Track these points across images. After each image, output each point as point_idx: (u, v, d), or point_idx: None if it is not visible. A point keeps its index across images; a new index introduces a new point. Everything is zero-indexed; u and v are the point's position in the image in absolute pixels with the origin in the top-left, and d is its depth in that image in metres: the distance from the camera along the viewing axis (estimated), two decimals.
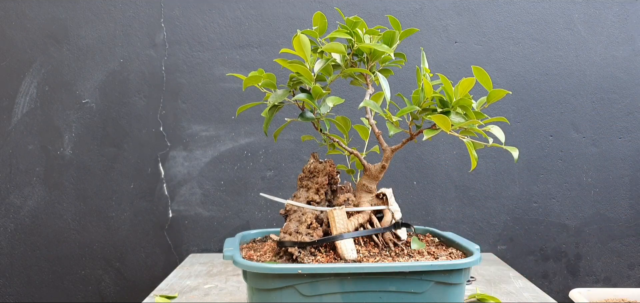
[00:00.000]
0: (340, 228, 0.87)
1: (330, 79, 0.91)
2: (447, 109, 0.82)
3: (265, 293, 0.80)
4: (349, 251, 0.85)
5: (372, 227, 0.92)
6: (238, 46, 1.65)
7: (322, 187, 0.94)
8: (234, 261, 0.82)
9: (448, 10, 1.65)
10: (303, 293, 0.79)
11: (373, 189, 0.95)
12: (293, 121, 0.96)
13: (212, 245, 1.66)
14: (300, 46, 0.84)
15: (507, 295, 1.20)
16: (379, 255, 0.87)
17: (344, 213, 0.88)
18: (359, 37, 0.87)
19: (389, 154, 0.93)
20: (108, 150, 1.64)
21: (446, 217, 1.66)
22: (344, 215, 0.88)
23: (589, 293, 1.41)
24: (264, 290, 0.80)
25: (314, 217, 0.89)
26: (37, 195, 1.64)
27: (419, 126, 0.89)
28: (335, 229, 0.87)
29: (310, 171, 0.96)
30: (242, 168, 1.65)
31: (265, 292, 0.80)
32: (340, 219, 0.87)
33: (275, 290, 0.79)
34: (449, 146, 1.65)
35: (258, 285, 0.80)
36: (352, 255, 0.85)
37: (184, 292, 1.22)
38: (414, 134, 0.89)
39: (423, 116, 0.85)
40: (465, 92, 0.81)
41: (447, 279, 0.82)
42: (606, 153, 1.66)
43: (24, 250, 1.65)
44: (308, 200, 0.93)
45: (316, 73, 0.85)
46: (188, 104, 1.65)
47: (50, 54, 1.63)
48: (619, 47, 1.65)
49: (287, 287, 0.79)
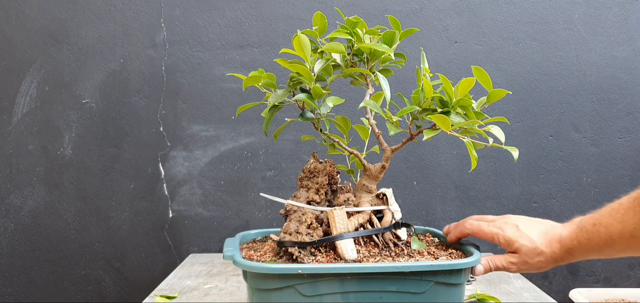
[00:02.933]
0: (340, 228, 0.87)
1: (331, 79, 0.91)
2: (447, 109, 0.82)
3: (265, 293, 0.80)
4: (349, 251, 0.85)
5: (372, 227, 0.92)
6: (238, 46, 1.65)
7: (322, 187, 0.94)
8: (234, 261, 0.82)
9: (448, 10, 1.65)
10: (303, 293, 0.78)
11: (373, 189, 0.95)
12: (293, 121, 0.96)
13: (212, 245, 1.66)
14: (300, 46, 0.84)
15: (507, 295, 1.20)
16: (379, 255, 0.87)
17: (344, 213, 0.88)
18: (359, 37, 0.87)
19: (389, 154, 0.93)
20: (108, 150, 1.64)
21: (446, 217, 1.66)
22: (344, 215, 0.88)
23: (589, 293, 1.41)
24: (264, 290, 0.80)
25: (314, 217, 0.89)
26: (37, 195, 1.64)
27: (419, 126, 0.89)
28: (335, 229, 0.87)
29: (310, 171, 0.96)
30: (242, 168, 1.65)
31: (265, 292, 0.80)
32: (341, 219, 0.87)
33: (275, 290, 0.79)
34: (449, 146, 1.65)
35: (258, 285, 0.80)
36: (352, 255, 0.85)
37: (184, 292, 1.22)
38: (414, 134, 0.89)
39: (423, 116, 0.85)
40: (465, 92, 0.81)
41: (447, 279, 0.82)
42: (606, 153, 1.66)
43: (24, 250, 1.65)
44: (308, 200, 0.93)
45: (316, 73, 0.85)
46: (188, 104, 1.65)
47: (50, 54, 1.63)
48: (619, 47, 1.65)
49: (287, 287, 0.78)
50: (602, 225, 0.78)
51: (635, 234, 0.73)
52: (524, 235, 0.87)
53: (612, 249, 0.78)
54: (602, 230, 0.78)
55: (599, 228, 0.78)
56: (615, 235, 0.76)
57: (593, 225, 0.79)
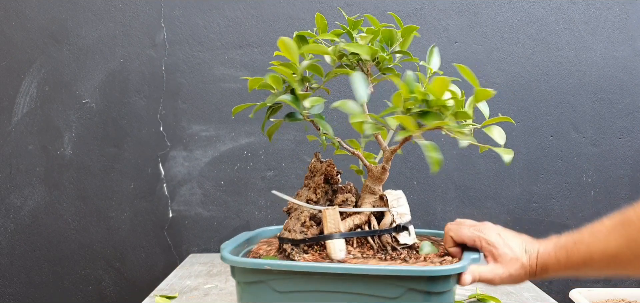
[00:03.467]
0: (330, 227, 0.87)
1: (324, 80, 0.92)
2: (426, 109, 0.80)
3: (244, 286, 0.84)
4: (338, 251, 0.85)
5: (370, 229, 0.91)
6: (238, 46, 1.65)
7: (319, 186, 0.94)
8: (222, 257, 0.85)
9: (448, 10, 1.65)
10: (276, 289, 0.82)
11: (377, 190, 0.95)
12: (286, 122, 0.96)
13: (212, 245, 1.66)
14: (285, 48, 0.84)
15: (507, 295, 1.20)
16: (374, 257, 0.86)
17: (336, 213, 0.88)
18: (353, 37, 0.87)
19: (389, 154, 0.93)
20: (108, 150, 1.64)
21: (446, 217, 1.66)
22: (336, 215, 0.88)
23: (589, 293, 1.41)
24: (244, 283, 0.84)
25: (309, 215, 0.90)
26: (37, 195, 1.64)
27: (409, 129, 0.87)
28: (326, 228, 0.87)
29: (311, 171, 0.96)
30: (242, 168, 1.65)
31: (245, 285, 0.84)
32: (332, 219, 0.87)
33: (251, 284, 0.83)
34: (449, 146, 1.65)
35: (239, 278, 0.85)
36: (340, 255, 0.84)
37: (184, 292, 1.22)
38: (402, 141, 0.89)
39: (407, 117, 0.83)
40: (440, 93, 0.79)
41: (424, 287, 0.78)
42: (606, 153, 1.66)
43: (24, 250, 1.65)
44: (307, 198, 0.93)
45: (300, 73, 0.85)
46: (188, 104, 1.65)
47: (50, 54, 1.63)
48: (619, 47, 1.65)
49: (260, 282, 0.82)
50: (583, 243, 0.78)
51: (618, 254, 0.74)
52: (505, 242, 0.87)
53: (590, 268, 0.79)
54: (583, 249, 0.78)
55: (579, 246, 0.79)
56: (596, 254, 0.77)
57: (574, 244, 0.80)
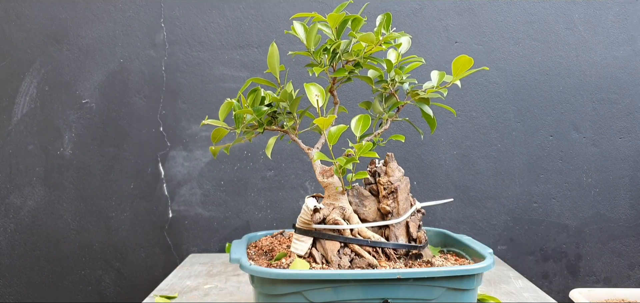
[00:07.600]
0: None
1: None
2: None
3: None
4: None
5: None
6: (238, 46, 1.65)
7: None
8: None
9: (448, 10, 1.65)
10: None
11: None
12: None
13: (212, 245, 1.66)
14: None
15: (507, 295, 1.20)
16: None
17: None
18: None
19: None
20: (108, 150, 1.64)
21: (446, 217, 1.66)
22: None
23: (589, 294, 1.41)
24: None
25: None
26: (37, 195, 1.64)
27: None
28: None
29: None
30: (242, 168, 1.65)
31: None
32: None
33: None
34: (449, 146, 1.65)
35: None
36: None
37: (184, 292, 1.22)
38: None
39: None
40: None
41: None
42: (606, 153, 1.66)
43: (24, 250, 1.65)
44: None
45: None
46: (188, 104, 1.64)
47: (50, 54, 1.63)
48: (619, 47, 1.65)
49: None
50: None
51: None
52: None
53: None
54: None
55: None
56: None
57: None
